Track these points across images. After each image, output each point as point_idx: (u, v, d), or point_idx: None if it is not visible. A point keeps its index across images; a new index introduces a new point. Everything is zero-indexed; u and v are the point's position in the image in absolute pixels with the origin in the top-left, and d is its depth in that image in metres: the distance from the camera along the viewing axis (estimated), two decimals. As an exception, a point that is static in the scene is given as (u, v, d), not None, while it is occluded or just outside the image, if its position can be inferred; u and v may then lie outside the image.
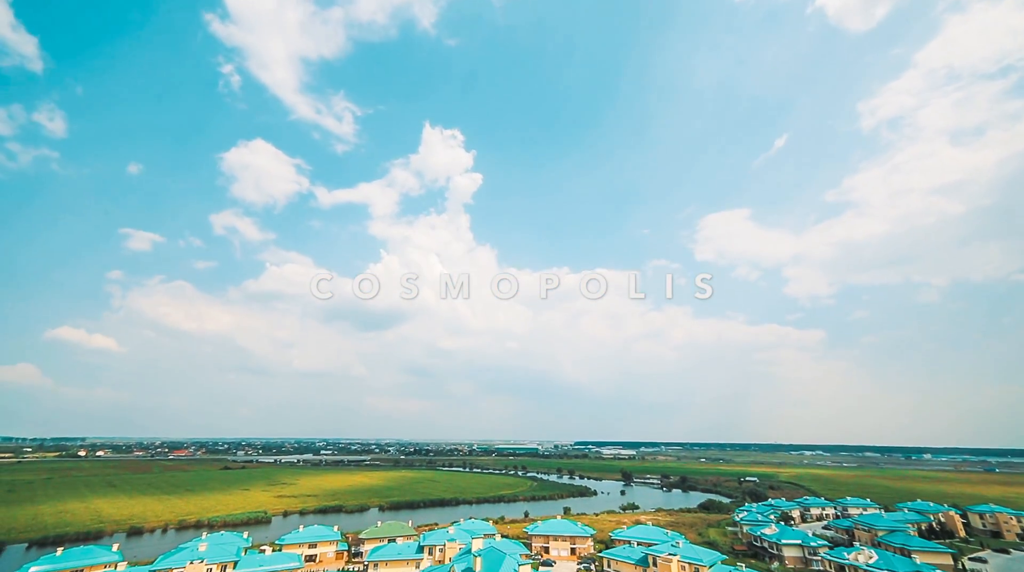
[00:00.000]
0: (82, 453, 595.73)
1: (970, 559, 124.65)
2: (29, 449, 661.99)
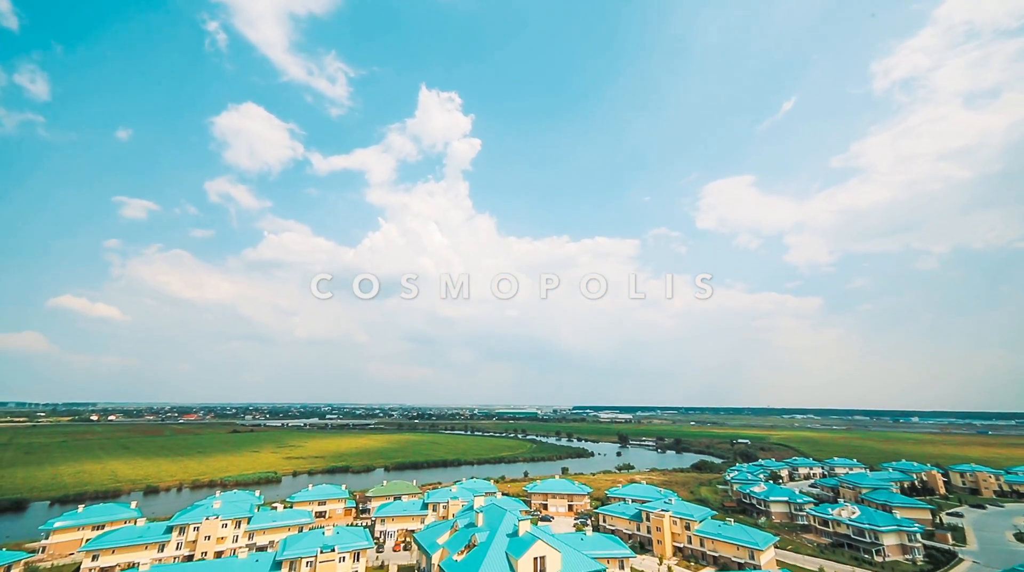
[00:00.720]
0: (94, 418, 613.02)
1: (948, 514, 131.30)
2: (43, 414, 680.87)
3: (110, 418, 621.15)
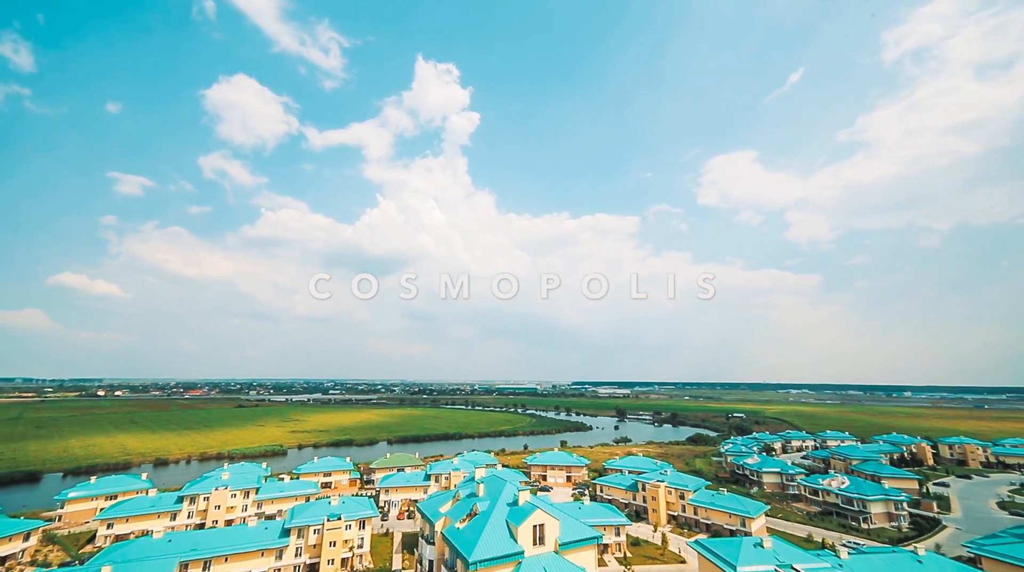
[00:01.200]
0: (101, 393, 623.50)
1: (934, 484, 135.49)
2: (50, 389, 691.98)
3: (116, 393, 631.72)
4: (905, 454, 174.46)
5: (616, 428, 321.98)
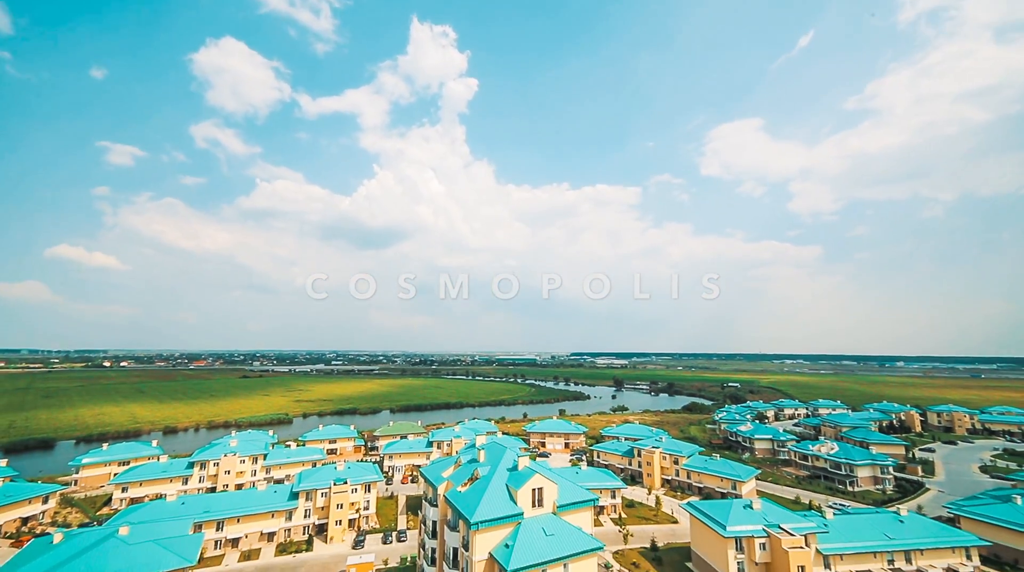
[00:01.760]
0: (107, 364, 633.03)
1: (921, 449, 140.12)
2: (56, 361, 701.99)
3: (122, 364, 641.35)
4: (894, 421, 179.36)
5: (614, 397, 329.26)
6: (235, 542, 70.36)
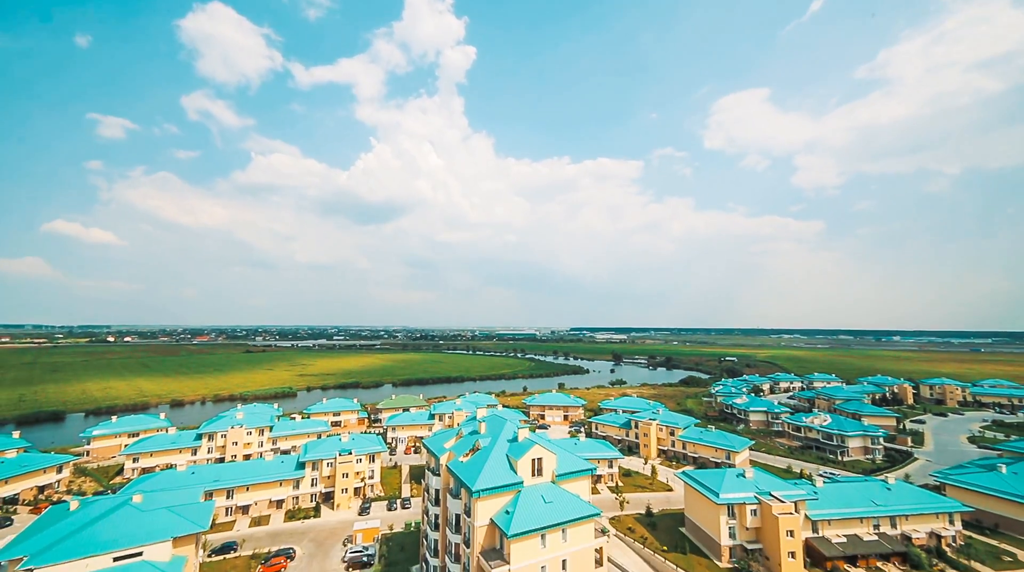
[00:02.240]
0: (111, 339, 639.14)
1: (911, 421, 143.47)
2: (60, 336, 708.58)
3: (126, 339, 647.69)
4: (887, 394, 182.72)
5: (612, 371, 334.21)
6: (245, 509, 73.00)
